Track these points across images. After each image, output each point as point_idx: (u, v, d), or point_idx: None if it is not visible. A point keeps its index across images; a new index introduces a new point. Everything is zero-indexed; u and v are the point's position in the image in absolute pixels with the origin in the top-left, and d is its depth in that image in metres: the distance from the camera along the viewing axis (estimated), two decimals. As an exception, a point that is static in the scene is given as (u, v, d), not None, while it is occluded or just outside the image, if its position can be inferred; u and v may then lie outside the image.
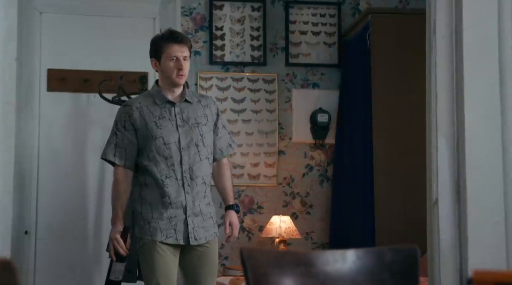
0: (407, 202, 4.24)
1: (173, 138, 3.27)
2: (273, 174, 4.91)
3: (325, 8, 5.05)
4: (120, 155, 3.33)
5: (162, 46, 3.28)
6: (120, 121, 3.36)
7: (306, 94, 4.99)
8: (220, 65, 4.94)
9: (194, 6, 4.93)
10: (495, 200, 2.32)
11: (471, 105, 2.31)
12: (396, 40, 4.44)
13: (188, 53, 3.32)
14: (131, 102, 3.43)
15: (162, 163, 3.27)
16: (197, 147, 3.30)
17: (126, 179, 3.34)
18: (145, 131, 3.29)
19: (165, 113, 3.31)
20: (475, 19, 2.34)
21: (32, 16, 4.76)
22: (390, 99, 4.41)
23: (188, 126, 3.30)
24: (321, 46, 5.04)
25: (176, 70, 3.26)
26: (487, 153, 2.31)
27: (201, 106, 3.39)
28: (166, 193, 3.25)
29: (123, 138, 3.34)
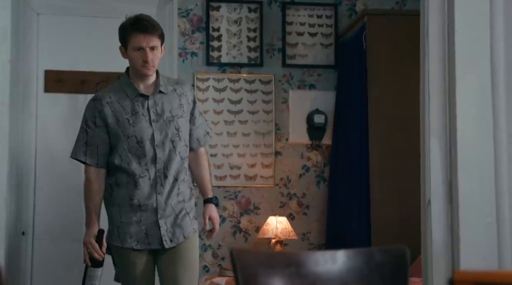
0: (403, 203, 4.25)
1: (147, 135, 3.09)
2: (269, 175, 4.92)
3: (322, 9, 5.06)
4: (92, 154, 3.13)
5: (127, 35, 3.07)
6: (90, 117, 3.14)
7: (303, 95, 5.00)
8: (217, 66, 4.95)
9: (191, 7, 4.95)
10: (487, 201, 2.33)
11: (463, 106, 2.32)
12: (392, 41, 4.45)
13: (158, 42, 3.08)
14: (101, 96, 3.18)
15: (135, 162, 3.08)
16: (173, 142, 3.11)
17: (98, 178, 3.14)
18: (116, 128, 3.10)
19: (138, 108, 3.10)
20: (467, 21, 2.35)
21: (29, 17, 4.76)
22: (386, 100, 4.42)
23: (162, 120, 3.10)
24: (318, 47, 5.05)
25: (141, 61, 3.05)
26: (479, 154, 2.32)
27: (177, 95, 3.18)
28: (136, 195, 3.08)
29: (94, 136, 3.13)
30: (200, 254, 4.80)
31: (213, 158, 4.84)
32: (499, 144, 2.31)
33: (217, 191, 4.83)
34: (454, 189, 2.34)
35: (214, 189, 4.80)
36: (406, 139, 4.10)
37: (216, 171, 4.84)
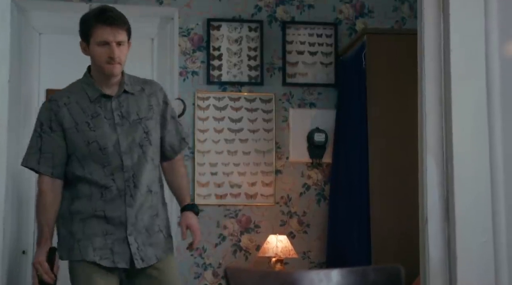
0: (403, 221, 4.23)
1: (111, 140, 2.70)
2: (270, 193, 4.92)
3: (322, 28, 5.09)
4: (46, 162, 2.72)
5: (90, 27, 2.69)
6: (46, 120, 2.73)
7: (303, 114, 5.02)
8: (217, 85, 4.97)
9: (192, 27, 4.98)
10: (483, 219, 2.33)
11: (459, 124, 2.33)
12: (392, 60, 4.47)
13: (125, 37, 2.72)
14: (57, 97, 2.78)
15: (99, 171, 2.70)
16: (142, 148, 2.74)
17: (53, 189, 2.73)
18: (75, 133, 2.71)
19: (100, 110, 2.72)
20: (463, 40, 2.37)
21: (31, 37, 4.81)
22: (386, 118, 4.43)
23: (128, 123, 2.73)
24: (318, 66, 5.07)
25: (107, 57, 2.68)
26: (475, 172, 2.33)
27: (145, 96, 2.81)
28: (101, 206, 2.69)
29: (49, 142, 2.72)
30: (201, 273, 4.80)
31: (214, 177, 4.85)
32: (495, 162, 2.32)
33: (218, 209, 4.84)
34: (451, 207, 2.35)
35: (214, 207, 4.83)
36: (406, 157, 4.09)
37: (216, 189, 4.85)
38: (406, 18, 5.12)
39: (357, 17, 5.12)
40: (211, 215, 4.84)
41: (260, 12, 5.03)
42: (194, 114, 4.89)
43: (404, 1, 5.14)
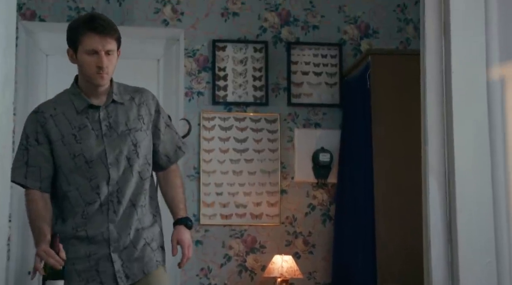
0: (408, 241, 4.23)
1: (97, 152, 2.59)
2: (275, 214, 4.93)
3: (326, 49, 5.11)
4: (33, 176, 2.62)
5: (79, 35, 2.58)
6: (32, 133, 2.65)
7: (308, 134, 5.03)
8: (222, 105, 4.99)
9: (197, 48, 5.01)
10: (486, 241, 2.33)
11: (460, 146, 2.35)
12: (396, 80, 4.49)
13: (115, 46, 2.62)
14: (44, 108, 2.72)
15: (85, 186, 2.58)
16: (129, 161, 2.62)
17: (42, 198, 2.62)
18: (61, 146, 2.61)
19: (87, 121, 2.62)
20: (464, 62, 2.39)
21: (38, 58, 4.85)
22: (390, 139, 4.44)
23: (116, 134, 2.63)
24: (323, 86, 5.09)
25: (95, 67, 2.57)
26: (478, 194, 2.34)
27: (135, 105, 2.70)
28: (82, 225, 2.58)
29: (36, 155, 2.62)
30: (206, 293, 4.80)
31: (219, 197, 4.86)
32: (497, 183, 2.33)
33: (223, 229, 4.84)
34: (453, 229, 2.35)
35: (219, 228, 4.83)
36: (410, 177, 4.09)
37: (222, 209, 4.86)
38: (410, 38, 5.14)
39: (361, 37, 5.15)
40: (217, 235, 4.85)
41: (265, 33, 5.07)
42: (199, 135, 4.91)
43: (408, 22, 5.17)
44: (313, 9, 5.12)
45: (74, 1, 4.87)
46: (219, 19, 5.04)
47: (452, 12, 2.39)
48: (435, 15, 2.48)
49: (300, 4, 5.11)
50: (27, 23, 4.77)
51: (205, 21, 5.01)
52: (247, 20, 5.06)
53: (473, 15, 2.40)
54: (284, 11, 5.10)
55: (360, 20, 5.15)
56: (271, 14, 5.09)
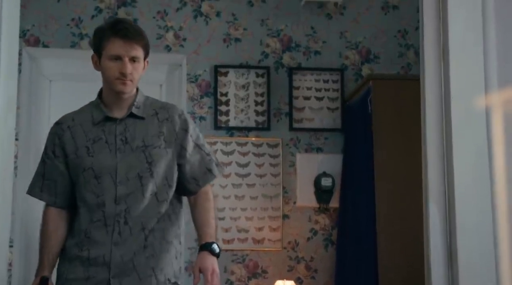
0: (411, 266, 4.21)
1: (107, 167, 2.42)
2: (277, 238, 4.92)
3: (328, 74, 5.14)
4: (49, 190, 2.50)
5: (103, 39, 2.44)
6: (50, 145, 2.54)
7: (310, 159, 5.04)
8: (224, 130, 5.01)
9: (200, 73, 5.04)
10: (487, 267, 2.33)
11: (460, 172, 2.35)
12: (397, 105, 4.50)
13: (141, 53, 2.45)
14: (63, 119, 2.60)
15: (92, 203, 2.41)
16: (141, 179, 2.42)
17: (56, 218, 2.49)
18: (74, 159, 2.47)
19: (102, 134, 2.46)
20: (463, 87, 2.40)
21: (42, 84, 4.89)
22: (392, 163, 4.44)
23: (130, 150, 2.44)
24: (325, 111, 5.11)
25: (118, 73, 2.41)
26: (478, 219, 2.34)
27: (157, 121, 2.50)
28: (86, 244, 2.41)
29: (52, 168, 2.50)
30: (208, 319, 4.76)
31: (221, 222, 4.86)
32: (497, 209, 2.33)
33: (225, 254, 4.83)
34: (454, 255, 2.35)
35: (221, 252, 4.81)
36: (412, 201, 4.08)
37: (223, 234, 4.85)
38: (411, 64, 5.17)
39: (363, 62, 5.18)
40: (218, 260, 4.82)
41: (267, 59, 5.10)
42: (201, 159, 4.92)
43: (409, 47, 5.20)
44: (314, 35, 5.16)
45: (77, 27, 4.92)
46: (221, 45, 5.07)
47: (450, 38, 2.41)
48: (434, 41, 2.50)
49: (302, 30, 5.15)
50: (31, 49, 4.81)
51: (207, 47, 5.05)
52: (249, 45, 5.09)
53: (472, 40, 2.42)
54: (286, 37, 5.13)
55: (361, 46, 5.19)
56: (272, 39, 5.12)
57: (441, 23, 2.47)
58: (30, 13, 4.84)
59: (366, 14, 5.21)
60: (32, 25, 4.86)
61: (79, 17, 4.92)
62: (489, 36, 2.40)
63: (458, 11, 2.41)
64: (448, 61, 2.41)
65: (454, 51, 2.41)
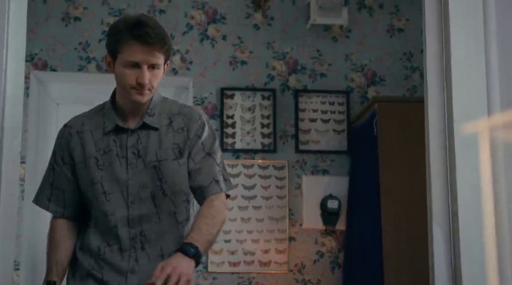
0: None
1: (118, 184, 2.17)
2: (284, 261, 4.91)
3: (334, 96, 5.16)
4: (57, 200, 2.27)
5: (120, 41, 2.15)
6: (58, 150, 2.29)
7: (316, 181, 5.04)
8: (231, 152, 5.02)
9: (206, 96, 5.07)
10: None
11: (464, 195, 2.35)
12: (403, 127, 4.51)
13: (161, 60, 2.18)
14: (73, 122, 2.33)
15: (103, 223, 2.18)
16: (154, 199, 2.18)
17: (65, 228, 2.27)
18: (82, 169, 2.22)
19: (113, 145, 2.19)
20: (465, 110, 2.41)
21: (49, 107, 4.93)
22: (398, 185, 4.44)
23: (143, 165, 2.18)
24: (331, 133, 5.12)
25: (134, 83, 2.15)
26: (482, 242, 2.33)
27: (171, 131, 2.24)
28: (98, 267, 2.18)
29: (60, 176, 2.27)
30: None
31: (227, 244, 4.85)
32: (501, 232, 2.32)
33: (231, 277, 4.82)
34: (458, 276, 2.34)
35: (227, 275, 4.78)
36: (418, 223, 4.07)
37: (230, 257, 4.85)
38: (417, 86, 5.18)
39: (368, 85, 5.20)
40: (225, 283, 4.83)
41: (273, 81, 5.13)
42: (208, 182, 4.93)
43: (415, 69, 5.22)
44: (320, 57, 5.18)
45: (85, 51, 4.96)
46: (227, 68, 5.11)
47: (453, 60, 2.42)
48: (436, 63, 2.51)
49: (308, 52, 5.18)
50: (39, 72, 4.85)
51: (213, 70, 5.09)
52: (255, 68, 5.12)
53: (474, 63, 2.43)
54: (292, 60, 5.16)
55: (367, 68, 5.21)
56: (278, 62, 5.15)
57: (443, 46, 2.48)
58: (38, 38, 4.90)
59: (371, 36, 5.24)
60: (40, 49, 4.91)
61: (86, 41, 4.97)
62: (491, 59, 2.41)
63: (460, 34, 2.42)
64: (451, 83, 2.42)
65: (456, 74, 2.42)
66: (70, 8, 5.00)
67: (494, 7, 2.41)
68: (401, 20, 5.25)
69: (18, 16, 2.21)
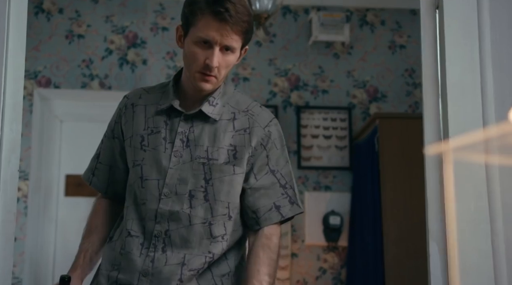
0: (419, 306, 4.19)
1: (158, 171, 1.92)
2: (286, 277, 4.90)
3: (336, 112, 5.18)
4: (102, 175, 2.09)
5: (195, 13, 1.89)
6: (112, 121, 2.13)
7: (318, 197, 5.05)
8: (233, 169, 5.03)
9: (208, 113, 5.09)
10: (488, 306, 2.32)
11: (460, 212, 2.35)
12: (404, 143, 4.52)
13: (238, 43, 1.91)
14: (132, 94, 2.11)
15: (132, 210, 1.94)
16: (191, 199, 1.89)
17: (107, 210, 2.08)
18: (128, 147, 2.01)
19: (163, 126, 1.97)
20: (461, 127, 2.42)
21: (53, 124, 4.96)
22: (399, 202, 4.44)
23: (189, 157, 1.91)
24: (333, 149, 5.14)
25: (202, 63, 1.88)
26: (478, 260, 2.33)
27: (232, 129, 1.95)
28: (117, 263, 1.93)
29: (108, 149, 2.09)
30: None
31: (230, 260, 4.86)
32: (497, 250, 2.33)
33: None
34: (454, 294, 2.34)
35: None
36: (420, 240, 4.06)
37: (232, 273, 4.84)
38: (419, 102, 5.19)
39: (370, 101, 5.21)
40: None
41: (275, 98, 5.15)
42: (210, 198, 4.94)
43: (416, 86, 5.24)
44: (322, 74, 5.21)
45: (88, 69, 5.00)
46: (230, 85, 5.13)
47: (448, 79, 2.44)
48: (432, 80, 2.53)
49: (309, 69, 5.20)
50: (43, 90, 4.90)
51: (216, 87, 5.11)
52: (258, 85, 5.15)
53: (470, 79, 2.44)
54: (294, 76, 5.19)
55: (369, 84, 5.23)
56: (280, 79, 5.18)
57: (439, 64, 2.50)
58: (42, 55, 4.94)
59: (373, 53, 5.26)
60: (44, 66, 4.95)
61: (90, 58, 5.01)
62: (486, 77, 2.43)
63: (456, 53, 2.44)
64: (447, 101, 2.44)
65: (452, 91, 2.43)
66: (74, 25, 5.04)
67: (489, 26, 2.43)
68: (402, 36, 5.28)
69: (17, 34, 2.24)
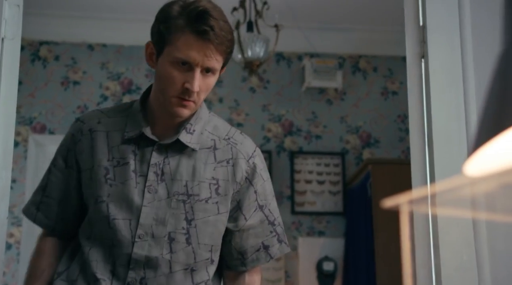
0: None
1: (128, 209, 1.65)
2: (279, 324, 4.87)
3: (329, 158, 5.21)
4: (48, 210, 1.78)
5: (173, 30, 1.62)
6: (63, 149, 1.80)
7: (312, 242, 5.05)
8: (227, 214, 5.04)
9: (202, 158, 5.12)
10: None
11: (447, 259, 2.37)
12: (396, 189, 4.49)
13: (219, 64, 1.66)
14: (87, 116, 1.81)
15: (99, 253, 1.66)
16: (171, 243, 1.65)
17: (54, 252, 1.78)
18: (88, 180, 1.71)
19: (131, 157, 1.68)
20: (447, 173, 2.45)
21: (47, 169, 4.99)
22: (392, 247, 4.43)
23: (166, 193, 1.67)
24: (326, 195, 5.15)
25: (180, 88, 1.63)
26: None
27: (213, 160, 1.72)
28: None
29: (58, 181, 1.77)
30: None
31: (223, 307, 4.83)
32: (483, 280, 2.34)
33: None
34: None
35: None
36: None
37: (225, 320, 4.81)
38: (411, 147, 5.22)
39: (363, 147, 5.25)
40: None
41: (269, 143, 5.19)
42: (203, 244, 4.94)
43: (409, 132, 5.27)
44: (315, 119, 5.26)
45: (83, 114, 5.04)
46: (224, 130, 5.17)
47: (434, 126, 2.48)
48: (419, 127, 2.57)
49: (303, 115, 5.25)
50: (37, 136, 4.93)
51: (209, 132, 5.15)
52: (251, 130, 5.19)
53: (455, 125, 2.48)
54: (287, 122, 5.23)
55: (362, 130, 5.27)
56: (274, 124, 5.23)
57: (425, 111, 2.55)
58: (37, 102, 4.99)
59: (366, 99, 5.32)
60: (39, 112, 5.00)
61: (85, 104, 5.06)
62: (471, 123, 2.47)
63: (441, 101, 2.49)
64: (433, 147, 2.47)
65: (437, 138, 2.47)
66: (69, 72, 5.10)
67: (473, 73, 2.48)
68: (394, 83, 5.34)
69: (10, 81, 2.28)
